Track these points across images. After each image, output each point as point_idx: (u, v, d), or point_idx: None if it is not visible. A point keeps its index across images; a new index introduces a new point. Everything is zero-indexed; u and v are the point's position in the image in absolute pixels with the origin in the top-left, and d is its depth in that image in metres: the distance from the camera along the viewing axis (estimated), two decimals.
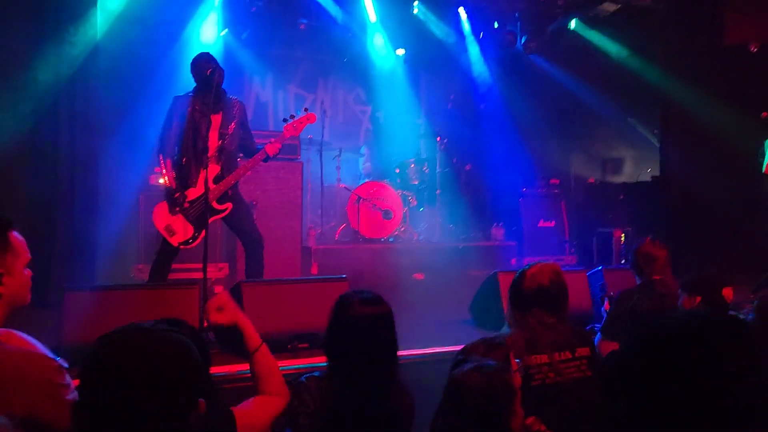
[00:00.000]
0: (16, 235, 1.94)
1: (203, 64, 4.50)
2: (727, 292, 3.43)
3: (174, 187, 4.49)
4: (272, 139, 4.68)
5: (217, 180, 4.51)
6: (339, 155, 7.95)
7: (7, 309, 1.92)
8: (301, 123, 4.72)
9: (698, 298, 3.27)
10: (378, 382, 2.16)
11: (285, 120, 4.75)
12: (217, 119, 4.54)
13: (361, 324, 2.19)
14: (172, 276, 4.91)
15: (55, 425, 1.72)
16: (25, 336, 2.02)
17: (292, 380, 2.30)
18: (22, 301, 1.97)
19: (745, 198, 6.85)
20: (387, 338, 2.24)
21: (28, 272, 1.99)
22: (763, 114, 6.62)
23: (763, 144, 6.57)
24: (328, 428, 2.10)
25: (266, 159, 4.66)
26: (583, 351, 2.55)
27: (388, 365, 2.22)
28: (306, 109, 4.85)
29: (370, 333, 2.19)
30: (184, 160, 4.52)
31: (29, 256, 1.98)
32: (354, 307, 2.23)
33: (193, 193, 4.51)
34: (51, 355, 1.90)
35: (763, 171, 6.45)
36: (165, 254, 4.54)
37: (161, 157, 4.53)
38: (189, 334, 1.41)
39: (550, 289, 2.57)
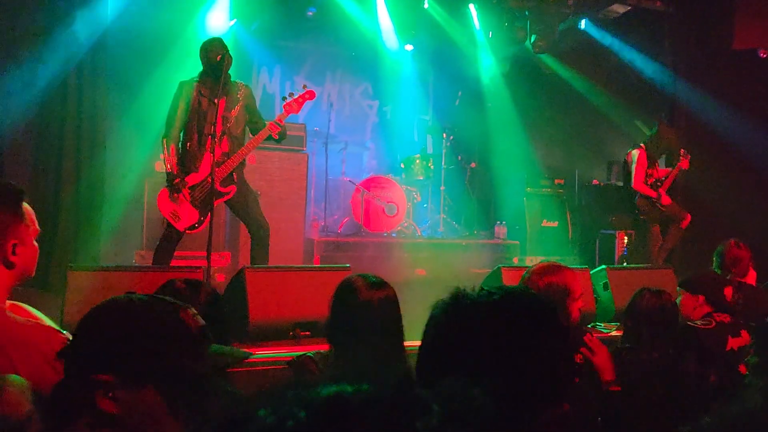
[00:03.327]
0: (27, 206, 1.92)
1: (213, 49, 4.51)
2: (728, 291, 3.46)
3: (175, 171, 4.50)
4: (278, 117, 4.69)
5: (220, 163, 4.51)
6: (345, 148, 7.96)
7: (16, 280, 1.90)
8: (299, 101, 4.74)
9: (701, 297, 3.28)
10: (385, 365, 2.15)
11: (284, 98, 4.77)
12: (222, 104, 4.55)
13: (369, 308, 2.17)
14: (174, 263, 4.92)
15: None
16: (31, 310, 2.02)
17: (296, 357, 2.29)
18: (30, 273, 1.95)
19: (750, 201, 6.83)
20: (395, 321, 2.23)
21: (36, 244, 1.99)
22: None
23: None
24: None
25: (271, 138, 4.64)
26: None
27: (394, 349, 2.20)
28: (305, 86, 4.86)
29: (379, 316, 2.17)
30: (188, 145, 4.54)
31: (37, 228, 1.97)
32: (361, 292, 2.21)
33: (194, 178, 4.51)
34: (57, 328, 1.90)
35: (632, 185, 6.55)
36: (169, 239, 4.55)
37: (165, 142, 4.55)
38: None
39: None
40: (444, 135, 8.21)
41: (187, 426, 1.19)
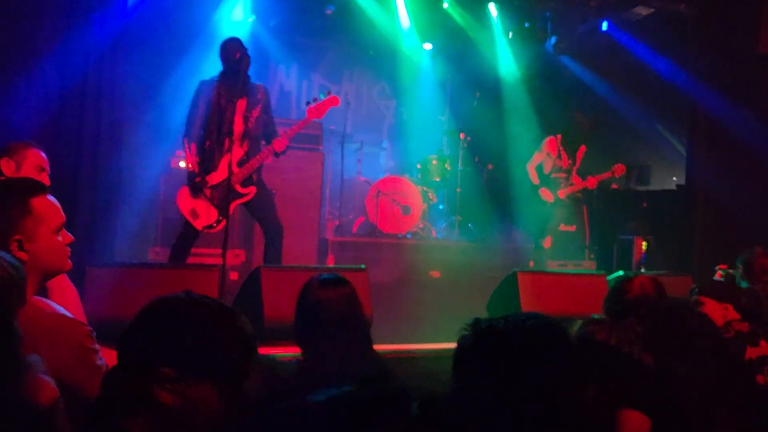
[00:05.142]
0: (43, 200, 1.88)
1: (231, 48, 4.52)
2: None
3: (196, 171, 4.51)
4: (281, 132, 4.69)
5: (241, 164, 4.52)
6: (360, 148, 7.93)
7: (38, 276, 1.87)
8: (324, 106, 4.74)
9: (729, 306, 3.21)
10: (351, 360, 2.13)
11: (308, 103, 4.78)
12: (242, 104, 4.56)
13: (318, 307, 2.18)
14: (189, 260, 4.92)
15: (83, 388, 1.73)
16: (56, 305, 2.01)
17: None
18: (56, 268, 1.93)
19: None
20: (349, 318, 2.21)
21: (64, 237, 1.94)
22: None
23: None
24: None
25: (276, 154, 4.65)
26: None
27: (356, 347, 2.19)
28: (329, 92, 4.87)
29: (330, 315, 2.17)
30: (207, 144, 4.55)
31: (59, 221, 1.92)
32: (311, 292, 2.23)
33: (214, 178, 4.52)
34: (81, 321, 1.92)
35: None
36: (186, 238, 4.56)
37: (186, 141, 4.57)
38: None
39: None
40: (461, 136, 8.15)
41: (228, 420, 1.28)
